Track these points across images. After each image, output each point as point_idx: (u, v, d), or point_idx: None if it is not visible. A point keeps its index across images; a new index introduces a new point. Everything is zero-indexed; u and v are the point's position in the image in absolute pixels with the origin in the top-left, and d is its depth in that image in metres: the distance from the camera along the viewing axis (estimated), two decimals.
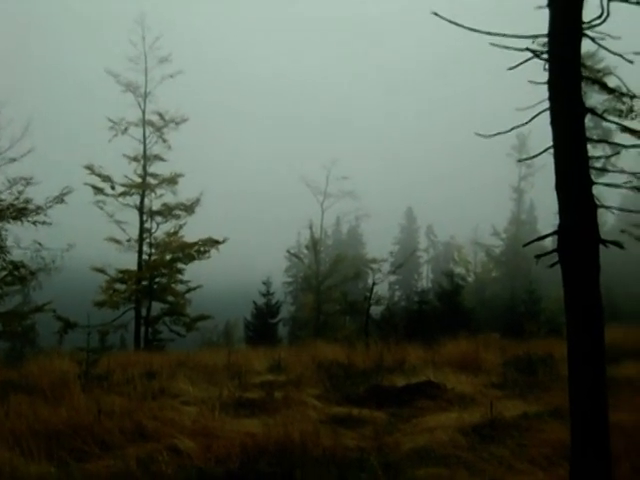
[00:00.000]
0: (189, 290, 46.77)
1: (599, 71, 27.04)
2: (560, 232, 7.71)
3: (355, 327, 50.40)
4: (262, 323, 49.12)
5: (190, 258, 45.90)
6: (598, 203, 7.98)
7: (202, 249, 45.89)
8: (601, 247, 7.89)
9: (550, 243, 7.89)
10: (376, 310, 47.50)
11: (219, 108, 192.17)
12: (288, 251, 62.50)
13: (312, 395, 16.75)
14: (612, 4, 8.20)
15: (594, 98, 39.14)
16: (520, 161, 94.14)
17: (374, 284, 45.24)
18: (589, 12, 8.12)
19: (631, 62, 9.69)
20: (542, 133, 8.10)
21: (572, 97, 7.81)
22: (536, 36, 8.40)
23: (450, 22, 8.28)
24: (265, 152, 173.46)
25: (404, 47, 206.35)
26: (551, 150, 7.99)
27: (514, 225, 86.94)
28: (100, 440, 11.63)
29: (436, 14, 8.16)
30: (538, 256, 8.46)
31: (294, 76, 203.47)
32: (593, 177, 8.04)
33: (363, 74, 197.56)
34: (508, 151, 77.86)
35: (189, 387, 17.68)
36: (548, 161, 8.05)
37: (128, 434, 12.08)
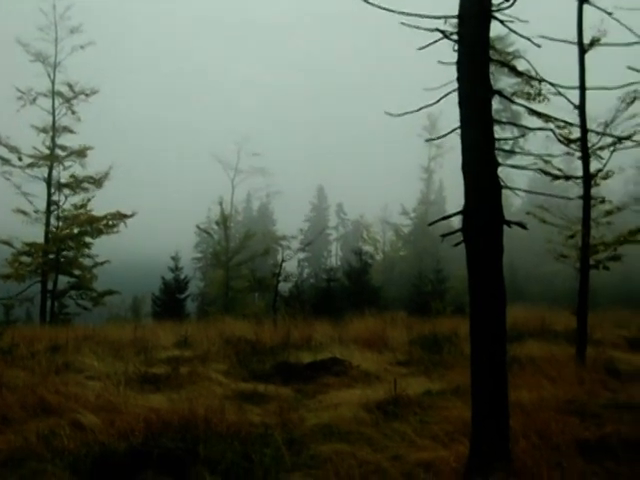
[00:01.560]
0: (96, 265, 46.15)
1: (509, 54, 27.40)
2: (465, 212, 7.82)
3: (264, 304, 50.52)
4: (170, 298, 48.69)
5: (98, 232, 45.25)
6: (503, 184, 8.12)
7: (110, 223, 45.30)
8: (507, 228, 8.04)
9: (457, 223, 8.08)
10: (285, 287, 47.68)
11: (132, 82, 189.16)
12: (198, 227, 61.91)
13: (218, 371, 16.74)
14: None
15: (504, 81, 39.75)
16: (427, 141, 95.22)
17: (283, 261, 45.31)
18: None
19: (539, 46, 9.87)
20: (453, 114, 8.19)
21: (480, 79, 7.90)
22: (447, 17, 8.48)
23: (365, 1, 8.32)
24: (176, 127, 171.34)
25: (320, 30, 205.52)
26: (459, 131, 8.10)
27: (423, 205, 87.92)
28: (1, 415, 11.47)
29: None
30: (443, 235, 8.57)
31: (207, 52, 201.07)
32: (501, 159, 8.17)
33: (281, 56, 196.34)
34: (419, 132, 78.42)
35: (94, 362, 17.50)
36: (457, 142, 8.13)
37: (30, 409, 11.90)
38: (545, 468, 7.87)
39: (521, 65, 18.02)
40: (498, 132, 7.93)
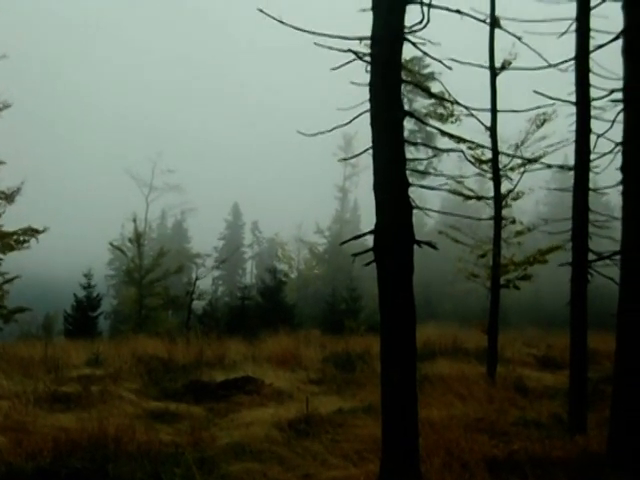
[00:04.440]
0: (6, 281, 45.17)
1: (424, 76, 27.78)
2: (376, 231, 7.89)
3: (177, 322, 50.05)
4: (82, 316, 47.81)
5: (8, 248, 44.30)
6: (414, 204, 8.21)
7: (21, 238, 44.38)
8: (421, 248, 8.13)
9: (371, 242, 8.10)
10: (199, 305, 47.38)
11: (45, 96, 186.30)
12: (111, 243, 61.14)
13: (130, 389, 16.57)
14: (432, 11, 8.43)
15: (419, 102, 40.22)
16: (340, 160, 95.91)
17: (197, 279, 45.09)
18: (410, 17, 8.33)
19: (450, 68, 10.03)
20: (367, 134, 8.24)
21: (391, 100, 7.99)
22: (361, 38, 8.54)
23: (277, 20, 8.33)
24: (91, 143, 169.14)
25: (231, 45, 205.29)
26: (371, 151, 8.17)
27: (338, 223, 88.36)
28: None
29: (261, 11, 8.18)
30: (355, 254, 8.62)
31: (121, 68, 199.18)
32: (415, 179, 8.27)
33: (194, 69, 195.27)
34: (335, 151, 78.82)
35: (2, 380, 17.11)
36: (371, 162, 8.20)
37: None
38: None
39: (435, 87, 18.24)
40: (412, 152, 8.04)
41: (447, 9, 8.70)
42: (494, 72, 18.23)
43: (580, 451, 9.95)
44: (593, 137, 12.64)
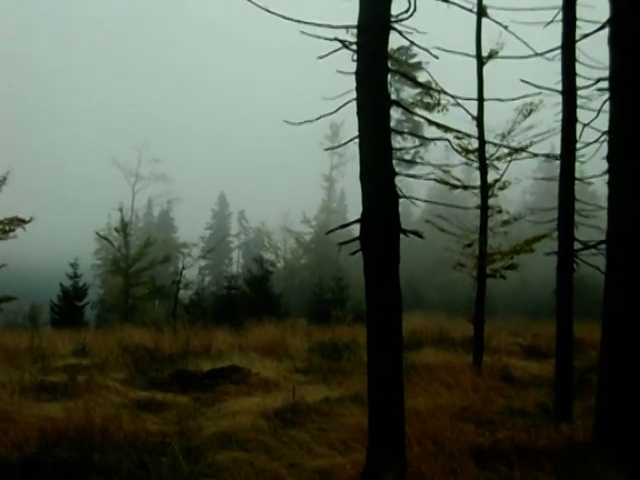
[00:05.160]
0: None
1: (411, 65, 27.79)
2: (362, 221, 7.89)
3: (164, 311, 50.00)
4: (68, 306, 47.67)
5: None
6: (401, 194, 8.21)
7: (7, 228, 44.24)
8: (408, 237, 8.12)
9: (357, 231, 8.09)
10: (185, 295, 47.32)
11: (30, 85, 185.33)
12: (97, 233, 60.91)
13: (116, 379, 16.56)
14: (419, 0, 8.41)
15: (406, 91, 40.21)
16: (327, 150, 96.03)
17: (183, 268, 45.00)
18: (397, 6, 8.31)
19: (436, 57, 10.03)
20: (354, 123, 8.22)
21: (377, 89, 7.97)
22: (347, 27, 8.52)
23: (263, 9, 8.30)
24: (77, 133, 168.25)
25: (217, 35, 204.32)
26: (358, 140, 8.15)
27: (324, 213, 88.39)
28: None
29: (249, 0, 8.14)
30: (341, 243, 8.61)
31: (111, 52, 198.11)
32: (402, 168, 8.25)
33: (184, 64, 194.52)
34: (322, 140, 78.75)
35: None
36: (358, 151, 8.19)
37: None
38: (439, 474, 8.00)
39: (422, 76, 18.19)
40: (399, 142, 8.04)
41: None
42: (481, 61, 18.23)
43: (566, 440, 9.98)
44: (579, 126, 12.67)
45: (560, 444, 9.75)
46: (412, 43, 9.07)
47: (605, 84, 10.95)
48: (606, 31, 10.46)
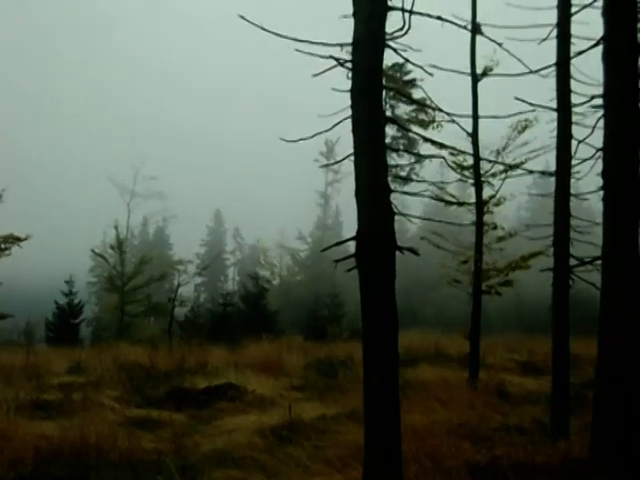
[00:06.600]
0: None
1: (406, 82, 27.81)
2: (358, 238, 7.88)
3: (159, 329, 49.94)
4: (64, 323, 47.66)
5: None
6: (397, 211, 8.21)
7: (2, 246, 44.18)
8: (403, 254, 8.11)
9: (353, 248, 8.09)
10: (181, 312, 47.26)
11: (27, 102, 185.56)
12: (92, 250, 60.85)
13: (111, 397, 16.51)
14: (414, 18, 8.43)
15: (401, 108, 40.31)
16: (322, 167, 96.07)
17: (179, 285, 45.01)
18: (392, 24, 8.32)
19: (431, 74, 10.07)
20: (349, 140, 8.22)
21: (372, 106, 7.97)
22: (342, 44, 8.53)
23: (258, 27, 8.31)
24: (73, 149, 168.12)
25: (214, 50, 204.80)
26: (353, 157, 8.15)
27: (320, 230, 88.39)
28: None
29: (243, 18, 8.16)
30: (337, 260, 8.60)
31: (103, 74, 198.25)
32: (398, 185, 8.26)
33: (177, 85, 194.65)
34: (317, 157, 78.81)
35: None
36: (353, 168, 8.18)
37: None
38: None
39: (417, 93, 18.23)
40: (395, 159, 8.02)
41: (428, 15, 8.68)
42: (475, 78, 18.29)
43: (562, 456, 9.97)
44: (574, 143, 12.72)
45: (557, 461, 9.75)
46: (407, 60, 9.11)
47: (600, 101, 11.00)
48: (600, 48, 10.51)
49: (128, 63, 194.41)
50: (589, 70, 12.20)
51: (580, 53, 12.44)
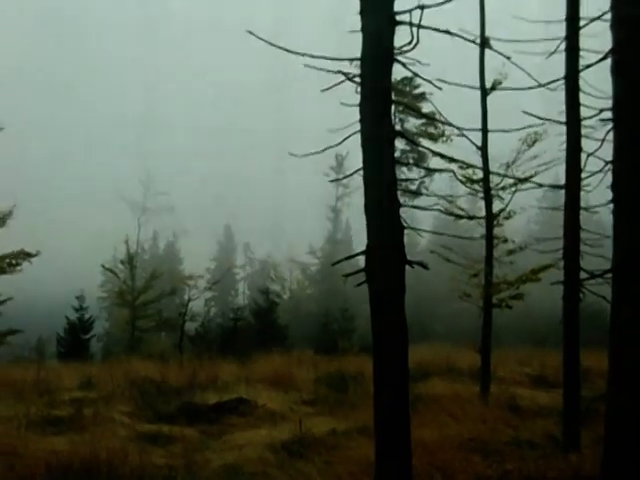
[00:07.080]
0: None
1: (415, 96, 27.85)
2: (367, 252, 7.88)
3: (170, 343, 49.90)
4: (74, 339, 47.63)
5: (0, 271, 44.14)
6: (406, 225, 8.21)
7: (13, 262, 44.25)
8: (413, 268, 8.11)
9: (363, 262, 8.12)
10: (191, 326, 47.21)
11: (35, 117, 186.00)
12: (103, 266, 60.87)
13: (122, 412, 16.51)
14: (422, 32, 8.43)
15: (411, 122, 40.35)
16: (332, 181, 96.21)
17: (189, 300, 44.99)
18: (400, 38, 8.34)
19: (440, 88, 10.06)
20: (359, 154, 8.22)
21: (381, 120, 7.99)
22: (351, 59, 8.55)
23: (267, 42, 8.34)
24: (81, 164, 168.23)
25: (224, 62, 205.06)
26: (362, 171, 8.16)
27: (330, 244, 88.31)
28: None
29: (251, 33, 8.19)
30: (347, 275, 8.60)
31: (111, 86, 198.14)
32: (407, 199, 8.26)
33: (186, 97, 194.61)
34: (327, 171, 78.77)
35: None
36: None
37: None
38: None
39: (426, 107, 18.22)
40: (405, 173, 8.02)
41: (436, 30, 8.69)
42: (484, 92, 18.32)
43: (574, 471, 9.93)
44: (583, 156, 12.71)
45: (568, 475, 9.72)
46: (415, 75, 9.13)
47: (609, 114, 10.99)
48: (609, 61, 10.50)
49: (140, 78, 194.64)
50: (598, 83, 12.19)
51: (589, 66, 12.45)
